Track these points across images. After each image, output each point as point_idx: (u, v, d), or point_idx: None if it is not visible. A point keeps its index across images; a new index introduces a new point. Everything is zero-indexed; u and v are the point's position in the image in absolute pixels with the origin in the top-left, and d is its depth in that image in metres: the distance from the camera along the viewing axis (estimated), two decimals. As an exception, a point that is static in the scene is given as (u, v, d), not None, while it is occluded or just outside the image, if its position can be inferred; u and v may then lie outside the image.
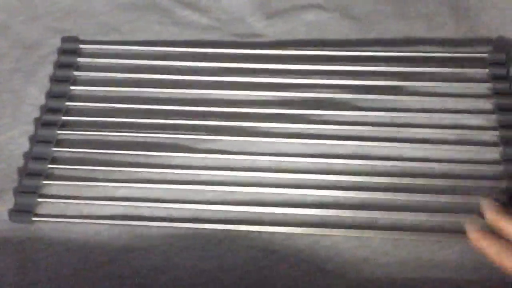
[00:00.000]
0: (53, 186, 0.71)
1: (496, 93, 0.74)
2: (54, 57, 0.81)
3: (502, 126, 0.72)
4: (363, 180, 0.70)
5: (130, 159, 0.72)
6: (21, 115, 0.77)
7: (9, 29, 0.84)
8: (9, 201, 0.70)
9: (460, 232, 0.64)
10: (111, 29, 0.84)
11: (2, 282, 0.66)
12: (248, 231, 0.68)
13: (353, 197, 0.69)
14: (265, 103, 0.76)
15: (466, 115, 0.74)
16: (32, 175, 0.71)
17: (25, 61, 0.81)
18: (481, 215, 0.63)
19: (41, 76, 0.79)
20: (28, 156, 0.73)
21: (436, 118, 0.74)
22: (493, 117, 0.73)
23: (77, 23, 0.84)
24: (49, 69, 0.80)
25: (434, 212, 0.67)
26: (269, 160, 0.72)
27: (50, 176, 0.72)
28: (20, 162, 0.73)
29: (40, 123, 0.75)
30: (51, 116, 0.75)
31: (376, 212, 0.68)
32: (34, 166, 0.72)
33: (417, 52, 0.79)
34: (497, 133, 0.72)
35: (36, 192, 0.70)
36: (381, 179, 0.70)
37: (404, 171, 0.70)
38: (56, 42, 0.82)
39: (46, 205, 0.70)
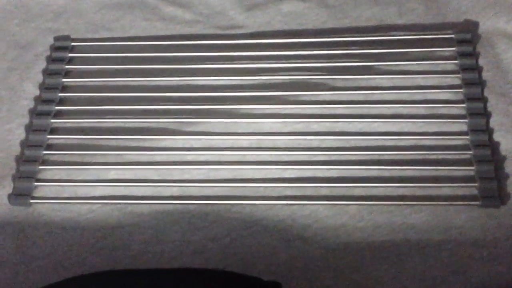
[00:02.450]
0: (48, 171, 0.76)
1: (463, 69, 0.78)
2: (47, 55, 0.85)
3: (469, 99, 0.76)
4: (339, 155, 0.74)
5: (120, 143, 0.77)
6: (18, 108, 0.81)
7: (5, 31, 0.89)
8: (8, 186, 0.75)
9: (429, 198, 0.69)
10: (101, 27, 0.89)
11: (3, 260, 0.70)
12: (232, 204, 0.72)
13: (329, 170, 0.73)
14: (246, 87, 0.80)
15: (435, 91, 0.78)
16: (29, 161, 0.76)
17: (21, 60, 0.86)
18: None
19: (36, 72, 0.84)
20: (25, 144, 0.77)
21: (407, 94, 0.78)
22: (461, 91, 0.77)
23: (68, 23, 0.89)
24: (43, 66, 0.85)
25: (405, 182, 0.71)
26: (250, 139, 0.76)
27: (46, 162, 0.76)
28: (18, 151, 0.78)
29: (35, 113, 0.79)
30: (45, 107, 0.80)
31: (352, 184, 0.72)
32: (30, 153, 0.76)
33: (389, 36, 0.83)
34: (464, 106, 0.76)
35: (33, 177, 0.75)
36: (356, 154, 0.74)
37: (377, 145, 0.74)
38: (49, 41, 0.87)
39: (42, 188, 0.75)
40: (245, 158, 0.75)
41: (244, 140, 0.76)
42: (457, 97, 0.77)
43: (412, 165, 0.72)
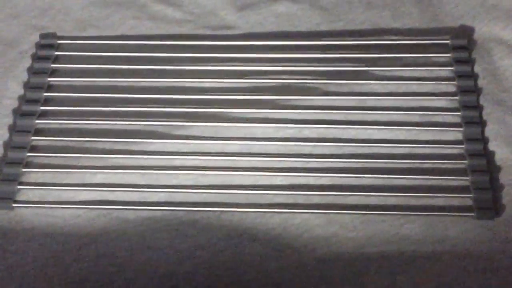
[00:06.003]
0: (32, 173, 0.73)
1: (459, 76, 0.77)
2: (33, 53, 0.83)
3: (464, 107, 0.75)
4: (331, 162, 0.72)
5: (106, 146, 0.75)
6: (1, 108, 0.79)
7: (-11, 27, 0.87)
8: (-10, 190, 0.72)
9: (422, 208, 0.68)
10: (88, 25, 0.86)
11: (-16, 266, 0.68)
12: (221, 212, 0.70)
13: (321, 178, 0.71)
14: (238, 90, 0.78)
15: (430, 98, 0.76)
16: (12, 163, 0.73)
17: (5, 57, 0.83)
18: None
19: (20, 70, 0.82)
20: (8, 146, 0.75)
21: (401, 101, 0.76)
22: (456, 99, 0.75)
23: (55, 20, 0.87)
24: (28, 64, 0.82)
25: (399, 191, 0.70)
26: (241, 144, 0.74)
27: (30, 164, 0.74)
28: (1, 152, 0.75)
29: (19, 113, 0.77)
30: (30, 107, 0.77)
31: (344, 192, 0.70)
32: (14, 155, 0.74)
33: (383, 40, 0.81)
34: (459, 114, 0.74)
35: (16, 180, 0.72)
36: (349, 161, 0.72)
37: (370, 153, 0.73)
38: (35, 39, 0.85)
39: (26, 192, 0.72)
40: (235, 163, 0.73)
41: (234, 145, 0.74)
42: (453, 105, 0.75)
43: (406, 174, 0.71)
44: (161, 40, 0.83)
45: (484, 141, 0.73)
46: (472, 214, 0.68)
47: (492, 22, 0.82)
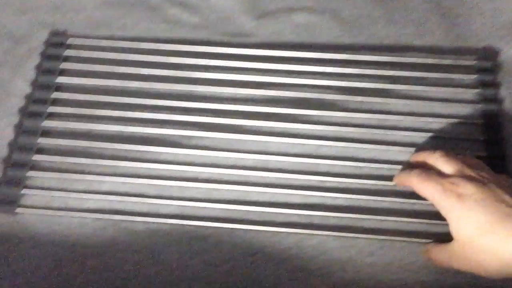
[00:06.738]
0: (37, 177, 0.70)
1: (483, 100, 0.74)
2: (42, 50, 0.80)
3: (488, 132, 0.72)
4: (349, 182, 0.70)
5: (116, 152, 0.72)
6: (7, 107, 0.76)
7: (-3, 21, 0.84)
8: (-7, 192, 0.69)
9: (443, 235, 0.65)
10: (100, 24, 0.83)
11: (-16, 273, 0.65)
12: (234, 228, 0.67)
13: (338, 198, 0.69)
14: (253, 101, 0.76)
15: (453, 120, 0.74)
16: (17, 165, 0.70)
17: (13, 54, 0.80)
18: None
19: (28, 68, 0.78)
20: (13, 147, 0.72)
21: (423, 122, 0.74)
22: (480, 123, 0.73)
23: (66, 17, 0.84)
24: (37, 62, 0.79)
25: (419, 217, 0.68)
26: (256, 159, 0.72)
27: (35, 167, 0.71)
28: (5, 152, 0.72)
29: (26, 113, 0.74)
30: (37, 107, 0.74)
31: (362, 215, 0.68)
32: (19, 156, 0.71)
33: (406, 57, 0.79)
34: (482, 139, 0.72)
35: (20, 183, 0.69)
36: (367, 182, 0.70)
37: (390, 175, 0.70)
38: (45, 36, 0.82)
39: (30, 196, 0.69)
40: (249, 178, 0.70)
41: (249, 159, 0.72)
42: (476, 130, 0.73)
43: (425, 199, 0.68)
44: (176, 44, 0.80)
45: (507, 169, 0.70)
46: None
47: (520, 44, 0.79)
